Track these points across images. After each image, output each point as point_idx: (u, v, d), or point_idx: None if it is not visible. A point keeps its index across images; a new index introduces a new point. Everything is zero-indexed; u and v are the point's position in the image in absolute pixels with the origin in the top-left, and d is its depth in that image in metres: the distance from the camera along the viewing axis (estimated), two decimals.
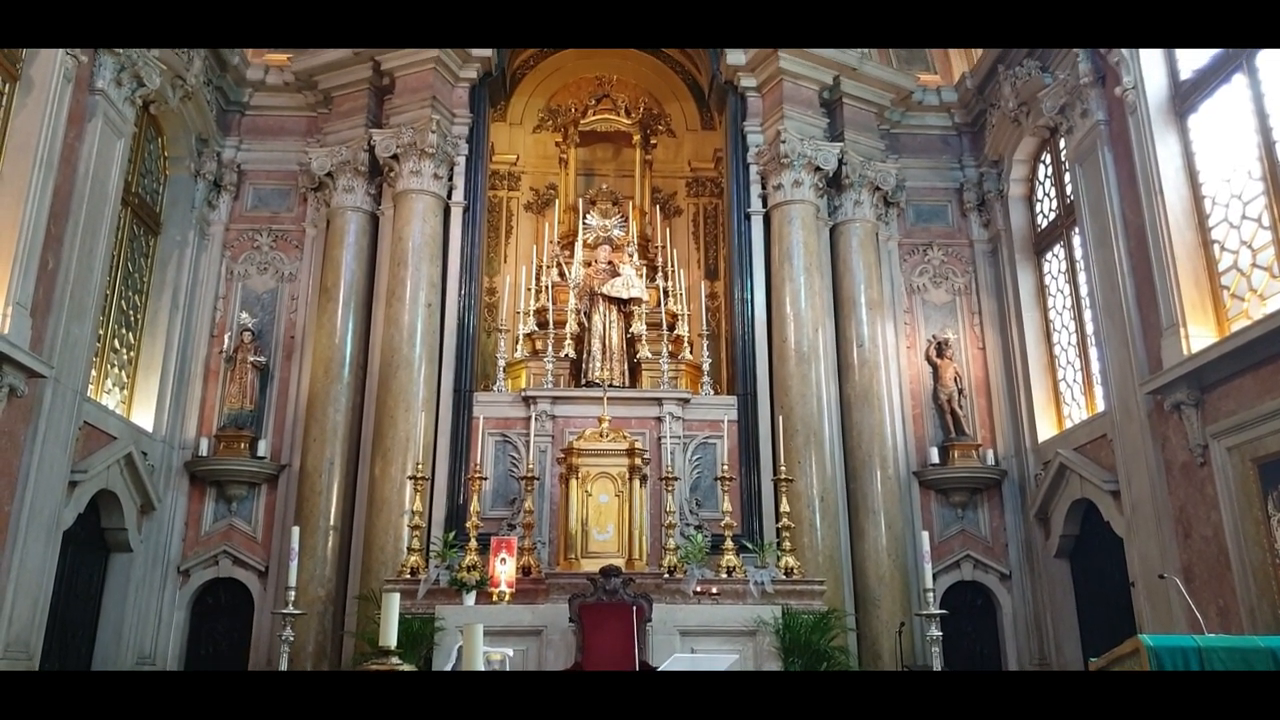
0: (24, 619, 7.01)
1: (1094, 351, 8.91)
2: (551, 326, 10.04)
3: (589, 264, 10.71)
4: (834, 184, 10.28)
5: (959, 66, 11.20)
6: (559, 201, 12.07)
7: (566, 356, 9.96)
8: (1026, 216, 10.41)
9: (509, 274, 11.46)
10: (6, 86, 7.11)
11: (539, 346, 10.06)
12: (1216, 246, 7.30)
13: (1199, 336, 7.14)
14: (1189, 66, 7.63)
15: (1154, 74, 7.81)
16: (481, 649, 4.82)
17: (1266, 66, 6.75)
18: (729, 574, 7.91)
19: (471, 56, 10.24)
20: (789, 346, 9.56)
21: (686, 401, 9.53)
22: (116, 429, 8.53)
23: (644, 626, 7.09)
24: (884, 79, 10.61)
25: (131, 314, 9.36)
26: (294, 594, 6.82)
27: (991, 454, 10.01)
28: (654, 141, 12.44)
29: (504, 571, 7.55)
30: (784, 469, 8.44)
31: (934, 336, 10.31)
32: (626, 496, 8.21)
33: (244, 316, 9.85)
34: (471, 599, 7.56)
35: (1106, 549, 8.47)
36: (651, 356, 9.98)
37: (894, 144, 10.90)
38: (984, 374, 10.34)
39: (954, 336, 10.33)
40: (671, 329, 10.34)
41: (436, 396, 9.36)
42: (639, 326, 10.18)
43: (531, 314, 10.40)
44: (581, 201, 11.66)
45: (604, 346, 10.12)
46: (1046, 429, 9.68)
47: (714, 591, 7.76)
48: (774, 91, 10.29)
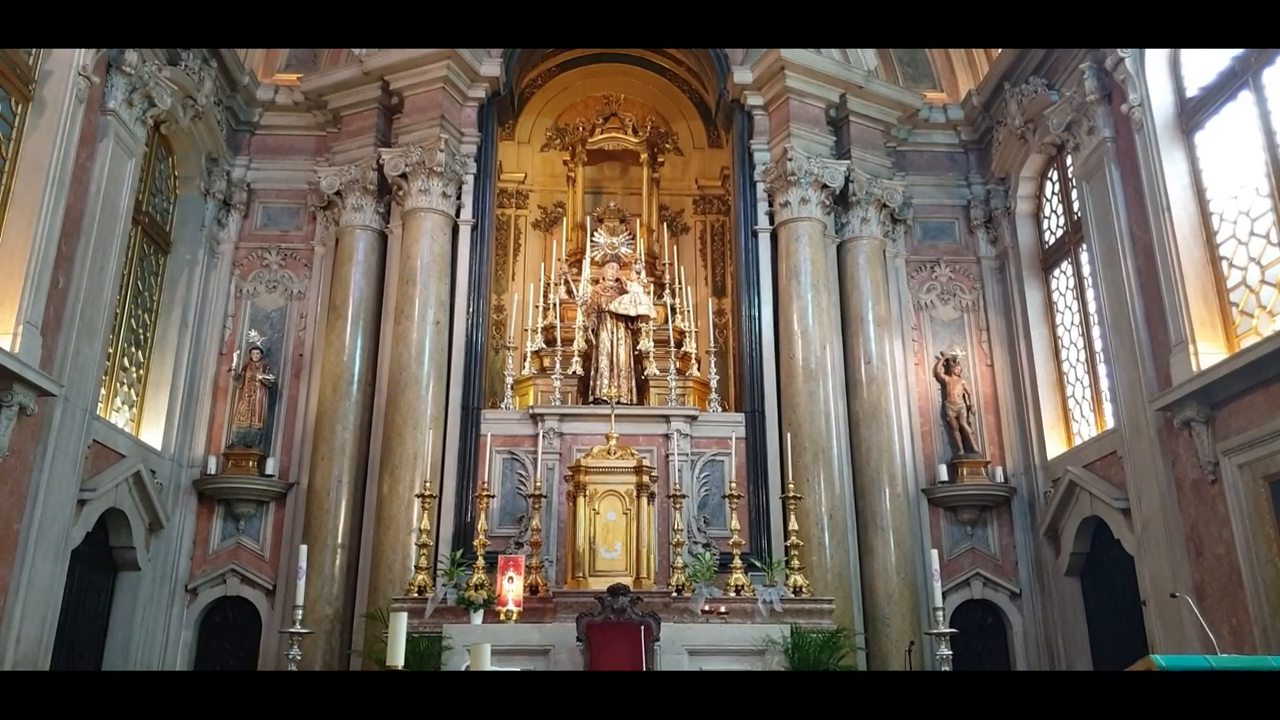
0: (32, 637, 7.01)
1: (1103, 368, 8.87)
2: (559, 344, 10.06)
3: (596, 281, 10.74)
4: (841, 201, 10.30)
5: (965, 84, 11.23)
6: (567, 219, 12.12)
7: (574, 374, 9.98)
8: (1034, 233, 10.41)
9: (517, 292, 11.50)
10: (20, 108, 7.18)
11: (547, 364, 10.08)
12: (1225, 263, 7.29)
13: (1208, 353, 7.12)
14: (1195, 84, 7.64)
15: (1160, 91, 7.83)
16: (489, 668, 4.81)
17: (1273, 83, 6.76)
18: (737, 593, 7.87)
19: (480, 75, 10.31)
20: (797, 363, 9.55)
21: (694, 418, 9.53)
22: (125, 447, 8.55)
23: (652, 646, 7.05)
24: (890, 97, 10.64)
25: (141, 332, 9.41)
26: (301, 612, 6.83)
27: (1000, 471, 9.97)
28: (661, 160, 12.51)
29: (511, 590, 7.52)
30: (792, 487, 8.40)
31: (942, 353, 10.29)
32: (634, 514, 8.18)
33: (253, 335, 9.89)
34: (479, 618, 7.54)
35: (1117, 567, 8.41)
36: (659, 373, 9.99)
37: (901, 161, 10.92)
38: (992, 391, 10.31)
39: (962, 353, 10.31)
40: (679, 346, 10.36)
41: (444, 414, 9.37)
42: (646, 344, 10.19)
43: (539, 331, 10.43)
44: (589, 219, 11.71)
45: (611, 364, 10.13)
46: (1056, 446, 9.64)
47: (722, 610, 7.72)
48: (781, 110, 10.33)
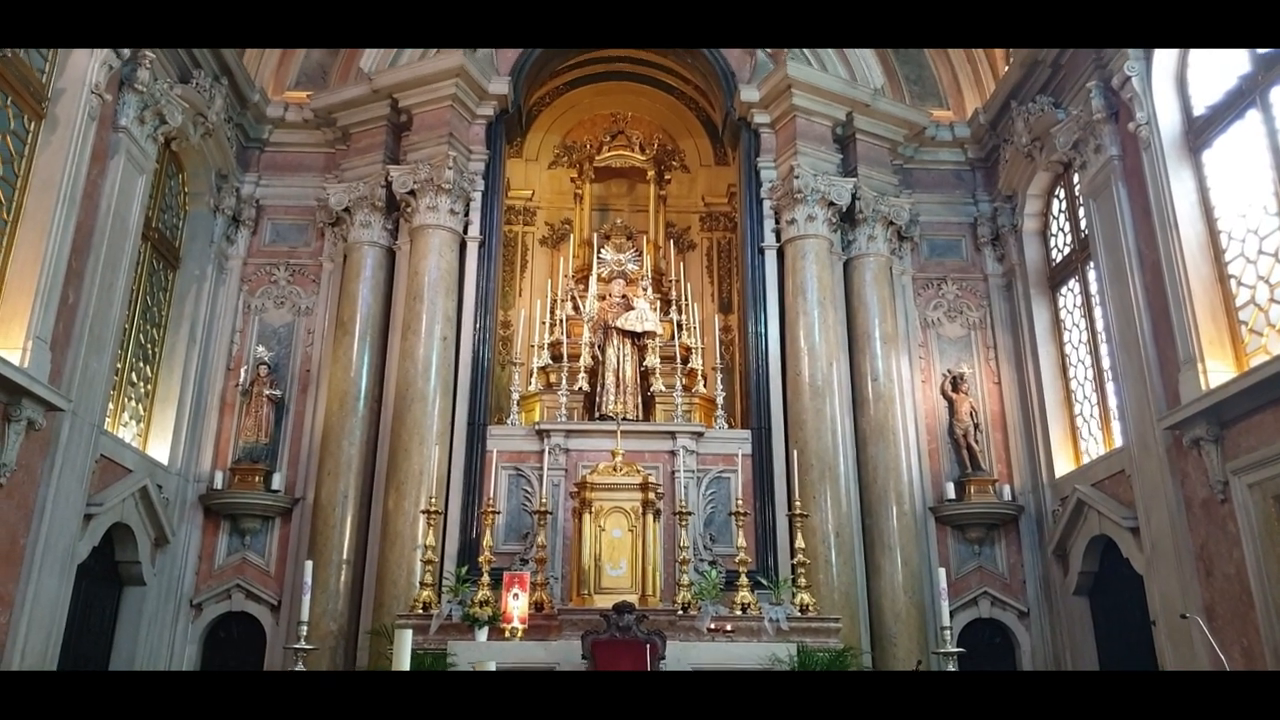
0: (37, 651, 7.00)
1: (1111, 386, 8.84)
2: (565, 360, 10.07)
3: (603, 298, 10.76)
4: (847, 218, 10.30)
5: (972, 102, 11.26)
6: (574, 236, 12.16)
7: (580, 390, 9.98)
8: (1041, 251, 10.40)
9: (524, 308, 11.52)
10: (32, 125, 7.24)
11: (553, 380, 10.09)
12: (1233, 281, 7.27)
13: (1217, 372, 7.09)
14: (1202, 102, 7.65)
15: (1167, 110, 7.83)
16: None
17: None
18: (743, 611, 7.83)
19: (488, 93, 10.37)
20: (803, 380, 9.54)
21: (700, 435, 9.51)
22: (132, 462, 8.57)
23: (657, 664, 7.02)
24: (897, 115, 10.67)
25: (149, 347, 9.45)
26: (306, 628, 6.80)
27: (1008, 489, 9.92)
28: (668, 177, 12.56)
29: (516, 607, 7.50)
30: (799, 504, 8.37)
31: (949, 371, 10.27)
32: (640, 531, 8.16)
33: (260, 350, 9.92)
34: (484, 635, 7.51)
35: (1126, 586, 8.35)
36: (665, 390, 9.98)
37: (907, 179, 10.94)
38: (1000, 408, 10.27)
39: (969, 371, 10.29)
40: (685, 362, 10.35)
41: (450, 430, 9.37)
42: (653, 360, 10.19)
43: (546, 347, 10.44)
44: (596, 236, 11.74)
45: (618, 380, 10.13)
46: (1064, 464, 9.60)
47: (728, 629, 7.68)
48: (787, 128, 10.36)
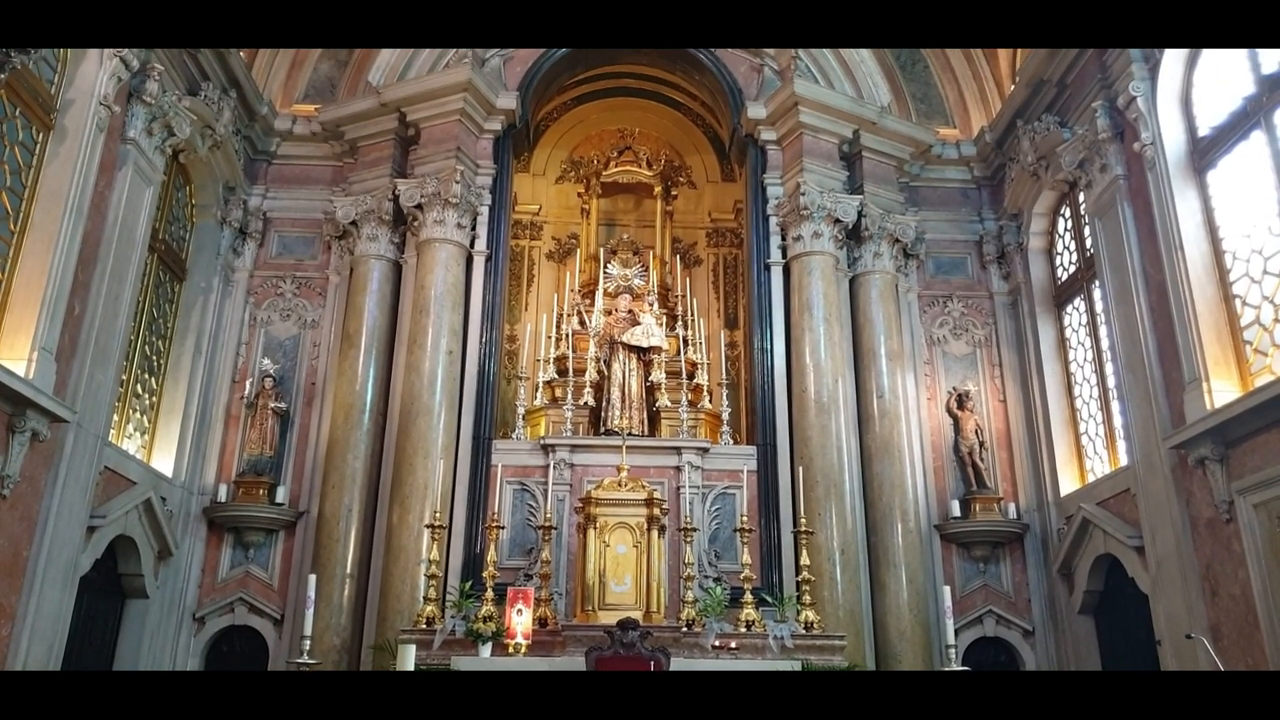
0: (38, 664, 6.98)
1: (1116, 405, 8.83)
2: (571, 374, 10.07)
3: (609, 312, 10.78)
4: (853, 236, 10.32)
5: (978, 120, 11.30)
6: (580, 251, 12.18)
7: (586, 404, 9.98)
8: (1046, 269, 10.41)
9: (530, 322, 11.53)
10: (40, 136, 7.28)
11: (558, 394, 10.08)
12: (1238, 301, 7.27)
13: (1222, 391, 7.08)
14: (1207, 123, 7.67)
15: (1172, 130, 7.86)
16: None
17: None
18: (748, 628, 7.79)
19: (496, 108, 10.41)
20: (809, 397, 9.52)
21: (706, 451, 9.49)
22: (136, 474, 8.57)
23: None
24: (903, 133, 10.70)
25: (155, 359, 9.45)
26: (309, 643, 6.78)
27: (1013, 507, 9.89)
28: (675, 193, 12.59)
29: (520, 623, 7.47)
30: (804, 521, 8.35)
31: (954, 388, 10.25)
32: (645, 547, 8.13)
33: (266, 363, 9.92)
34: (487, 650, 7.48)
35: (1132, 606, 8.31)
36: (671, 405, 9.97)
37: (913, 197, 10.96)
38: (1005, 426, 10.26)
39: (974, 388, 10.27)
40: (691, 378, 10.35)
41: (455, 444, 9.36)
42: (658, 375, 10.19)
43: (551, 362, 10.44)
44: (602, 251, 11.77)
45: (623, 395, 10.13)
46: (1069, 483, 9.57)
47: (733, 646, 7.64)
48: (794, 145, 10.39)
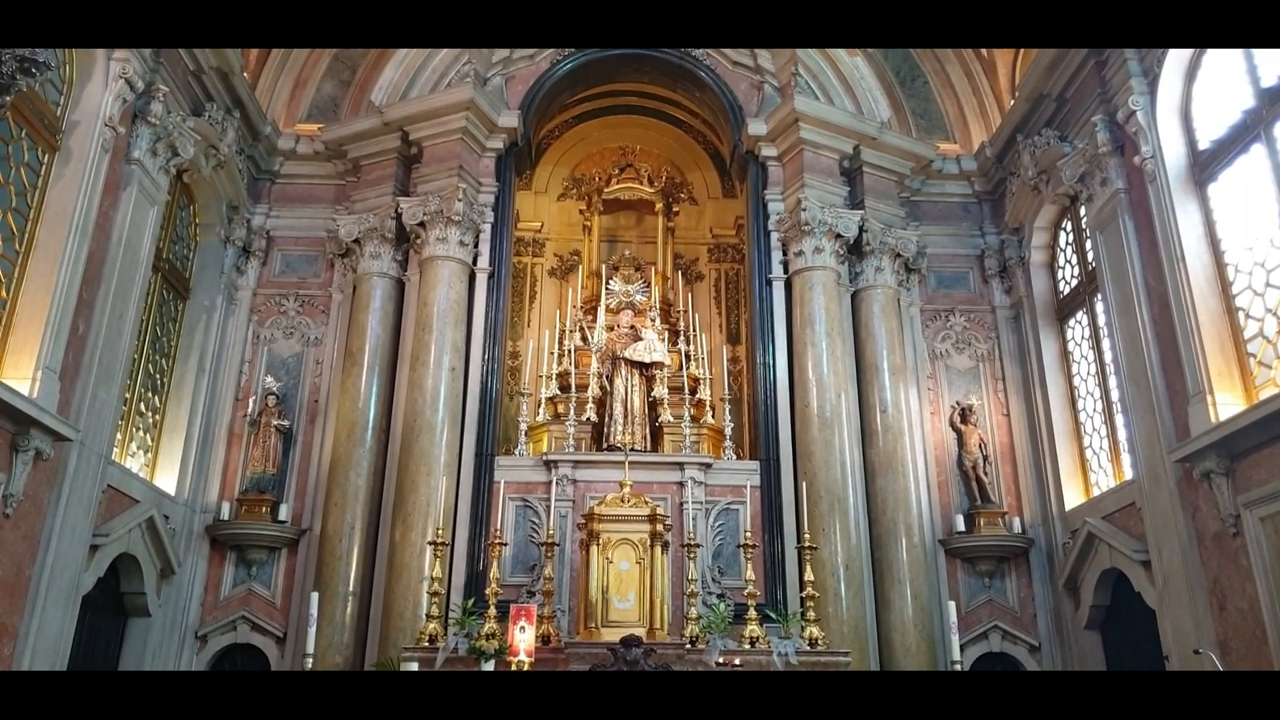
0: None
1: (1120, 418, 8.80)
2: (574, 390, 10.08)
3: (611, 328, 10.79)
4: (855, 250, 10.33)
5: (978, 135, 11.33)
6: (582, 267, 12.21)
7: (588, 420, 9.98)
8: (1048, 283, 10.40)
9: (532, 338, 11.56)
10: (46, 157, 7.32)
11: (561, 410, 10.08)
12: (1241, 314, 7.26)
13: (1227, 404, 7.06)
14: (1207, 137, 7.68)
15: (1172, 144, 7.87)
16: None
17: None
18: (752, 645, 7.75)
19: (498, 126, 10.47)
20: (811, 411, 9.51)
21: (709, 466, 9.47)
22: (139, 492, 8.57)
23: None
24: (903, 148, 10.73)
25: (158, 378, 9.48)
26: (312, 661, 6.77)
27: (1018, 522, 9.85)
28: (676, 209, 12.64)
29: (523, 640, 7.44)
30: (808, 536, 8.31)
31: (958, 403, 10.23)
32: (648, 564, 8.10)
33: (269, 380, 9.93)
34: (490, 668, 7.45)
35: (1138, 620, 8.26)
36: (673, 420, 9.96)
37: (914, 211, 10.97)
38: (1009, 440, 10.23)
39: (978, 402, 10.25)
40: (693, 393, 10.35)
41: (458, 460, 9.36)
42: (661, 390, 10.19)
43: (554, 378, 10.45)
44: (604, 267, 11.81)
45: (626, 410, 10.12)
46: (1074, 497, 9.53)
47: (737, 663, 7.60)
48: (794, 161, 10.42)
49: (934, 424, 10.23)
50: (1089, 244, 9.38)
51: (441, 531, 8.28)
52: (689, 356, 10.67)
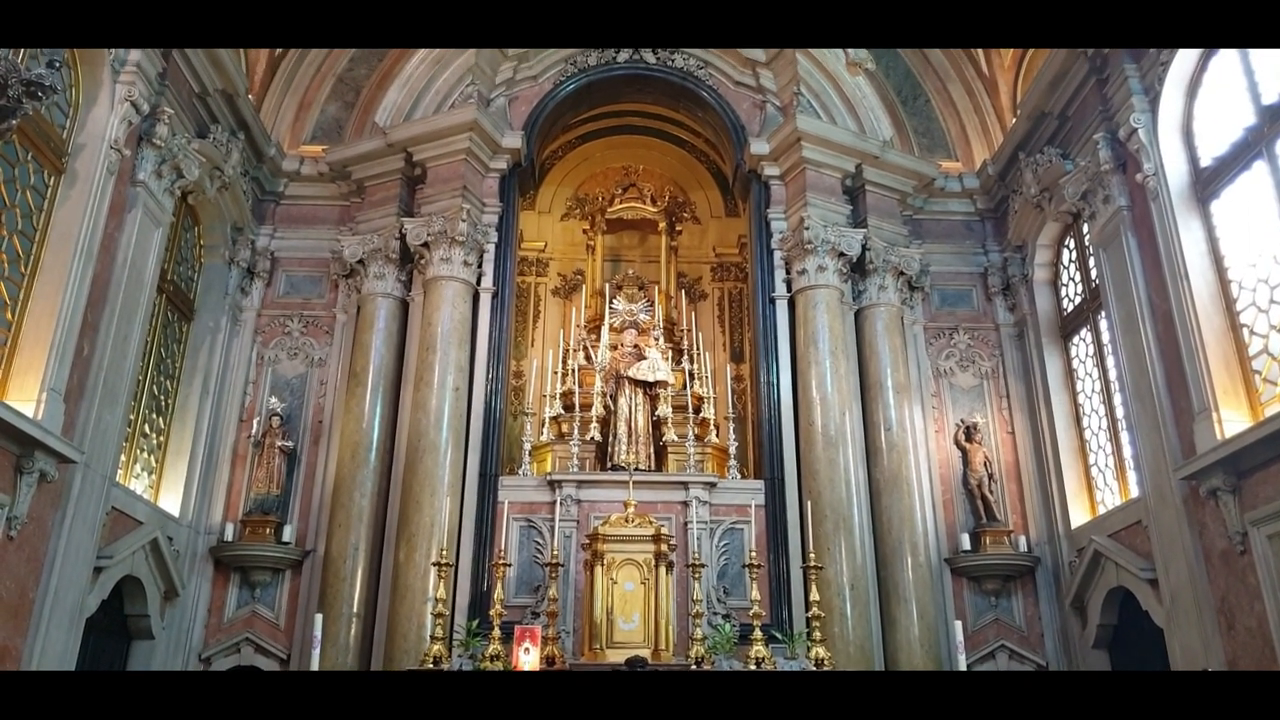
0: None
1: (1125, 436, 8.77)
2: (578, 410, 10.07)
3: (615, 347, 10.80)
4: (858, 269, 10.34)
5: (980, 154, 11.37)
6: (586, 287, 12.24)
7: (592, 440, 9.96)
8: (1052, 300, 10.40)
9: (536, 358, 11.57)
10: (52, 180, 7.36)
11: (565, 430, 10.07)
12: (1245, 330, 7.24)
13: (1232, 421, 7.03)
14: (1209, 154, 7.69)
15: (1174, 161, 7.88)
16: None
17: None
18: (758, 665, 7.71)
19: (501, 147, 10.52)
20: (816, 430, 9.49)
21: (713, 485, 9.44)
22: (144, 514, 8.56)
23: None
24: (906, 166, 10.76)
25: (162, 399, 9.49)
26: None
27: (1024, 540, 9.80)
28: (679, 228, 12.70)
29: (527, 661, 7.42)
30: (813, 556, 8.27)
31: (962, 420, 10.21)
32: (652, 584, 8.08)
33: (273, 401, 9.94)
34: None
35: (1146, 640, 8.20)
36: (677, 439, 9.95)
37: (917, 229, 10.99)
38: (1014, 458, 10.20)
39: (982, 420, 10.23)
40: (697, 412, 10.35)
41: (462, 481, 9.34)
42: (665, 409, 10.17)
43: (558, 397, 10.46)
44: (608, 286, 11.83)
45: (630, 429, 10.11)
46: (1079, 515, 9.49)
47: None
48: (797, 180, 10.45)
49: (939, 442, 10.20)
50: (1092, 261, 9.39)
51: (445, 552, 8.27)
52: (693, 375, 10.67)
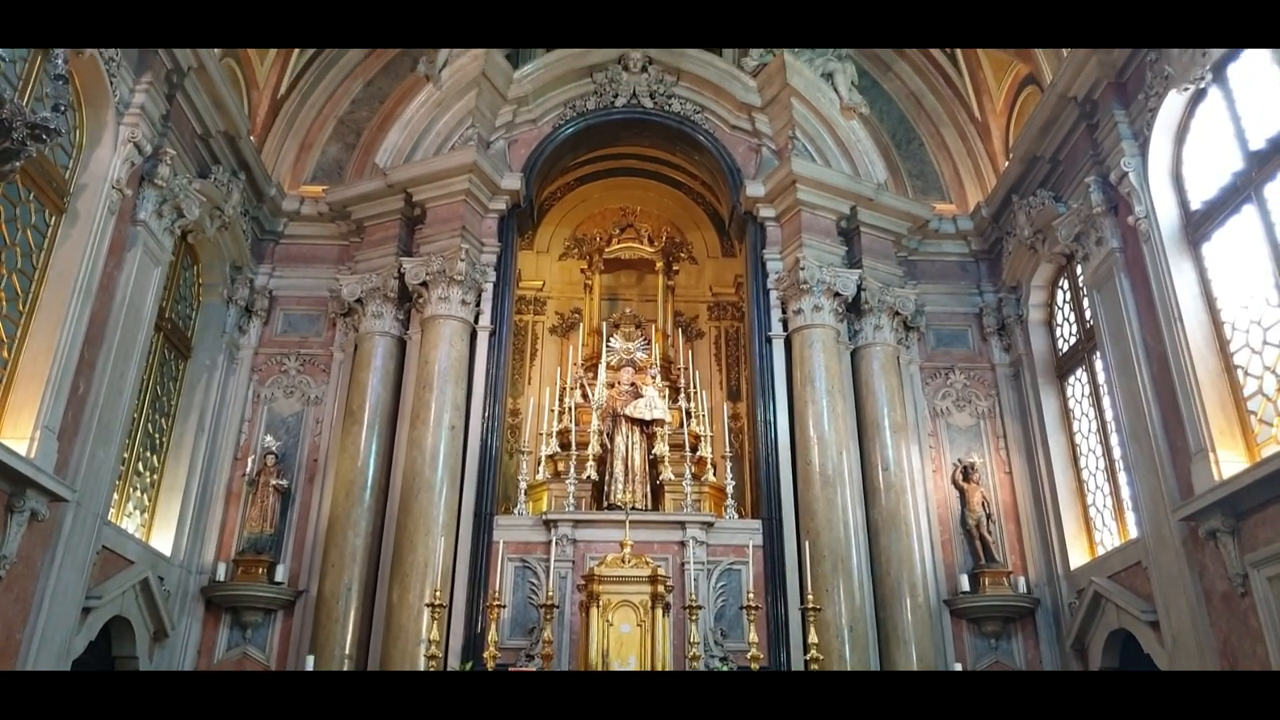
0: None
1: (1123, 476, 8.75)
2: (574, 448, 10.05)
3: (612, 385, 10.79)
4: (854, 309, 10.38)
5: (973, 196, 11.48)
6: (583, 325, 12.28)
7: (589, 478, 9.92)
8: (1047, 341, 10.44)
9: (533, 396, 11.57)
10: (53, 219, 7.40)
11: (561, 468, 10.04)
12: (1240, 371, 7.26)
13: (1229, 462, 7.01)
14: (1199, 197, 7.76)
15: (1165, 205, 7.95)
16: None
17: (1275, 197, 6.86)
18: None
19: (501, 188, 10.61)
20: (813, 469, 9.46)
21: (710, 525, 9.39)
22: (134, 553, 8.48)
23: None
24: (900, 208, 10.85)
25: (157, 437, 9.45)
26: None
27: (1023, 581, 9.72)
28: (676, 268, 12.77)
29: None
30: (811, 597, 8.19)
31: (960, 460, 10.19)
32: (649, 626, 7.97)
33: (268, 439, 9.91)
34: None
35: None
36: (674, 478, 9.91)
37: (912, 270, 11.06)
38: (1012, 499, 10.16)
39: (980, 460, 10.21)
40: (694, 450, 10.32)
41: (457, 520, 9.27)
42: (661, 448, 10.14)
43: (554, 435, 10.43)
44: (605, 325, 11.86)
45: (626, 468, 10.07)
46: (1079, 556, 9.44)
47: None
48: (792, 221, 10.53)
49: (936, 482, 10.17)
50: (1086, 302, 9.44)
51: (439, 593, 8.16)
52: (690, 414, 10.65)
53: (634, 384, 10.68)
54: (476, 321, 10.18)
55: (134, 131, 7.89)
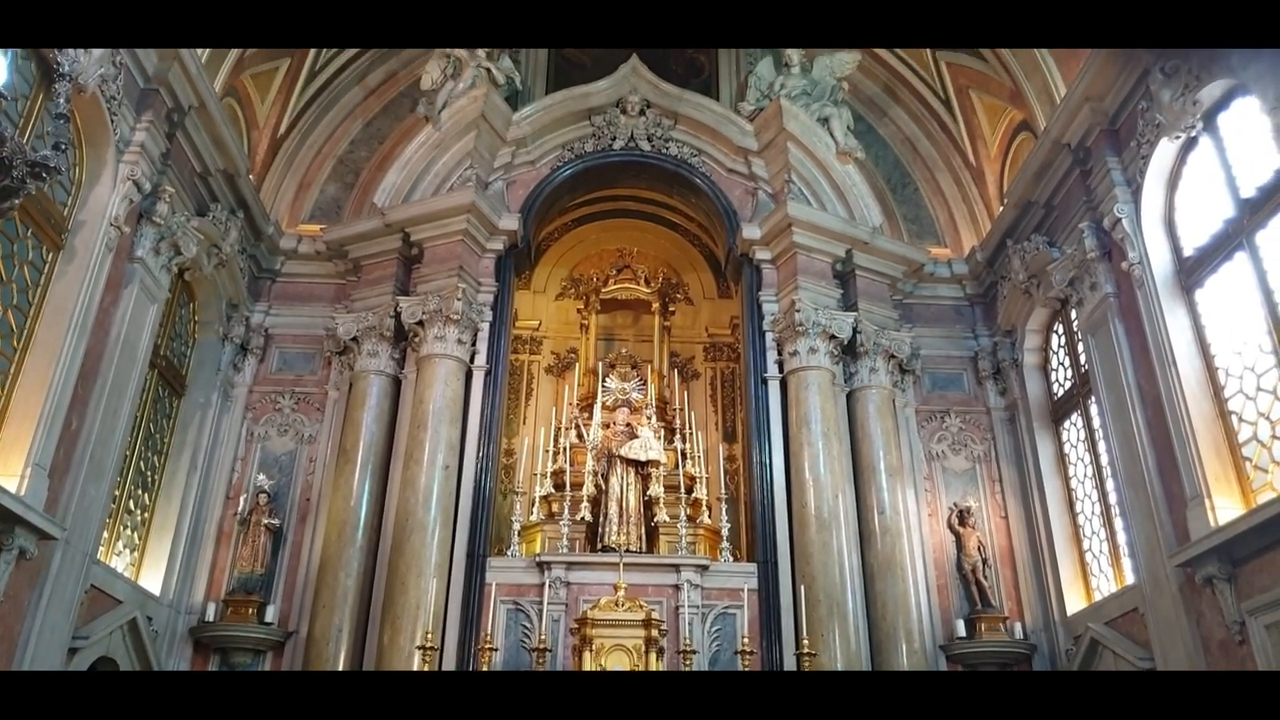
0: None
1: (1119, 521, 8.72)
2: (568, 488, 9.98)
3: (607, 426, 10.77)
4: (849, 351, 10.39)
5: (968, 240, 11.57)
6: (579, 365, 12.28)
7: (583, 519, 9.86)
8: (1042, 385, 10.45)
9: (528, 435, 11.53)
10: (50, 256, 7.41)
11: (555, 509, 9.98)
12: (1234, 417, 7.27)
13: (1225, 508, 7.01)
14: (1191, 244, 7.83)
15: (1158, 251, 8.02)
16: None
17: (1267, 245, 6.92)
18: None
19: (498, 229, 10.66)
20: (809, 512, 9.40)
21: (705, 568, 9.30)
22: (123, 593, 8.37)
23: None
24: (895, 252, 10.92)
25: (149, 474, 9.38)
26: None
27: (1020, 627, 9.64)
28: (672, 309, 12.81)
29: None
30: (807, 643, 8.11)
31: (955, 504, 10.14)
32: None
33: (261, 478, 9.83)
34: None
35: None
36: (669, 520, 9.85)
37: (907, 313, 11.10)
38: (1008, 543, 10.11)
39: (975, 504, 10.16)
40: (689, 492, 10.26)
41: (449, 561, 9.17)
42: (657, 489, 10.10)
43: (549, 476, 10.37)
44: (601, 365, 11.86)
45: (621, 509, 10.02)
46: (1075, 601, 9.37)
47: None
48: (788, 264, 10.59)
49: (932, 526, 10.12)
50: (1081, 347, 9.46)
51: (431, 635, 8.08)
52: (685, 454, 10.61)
53: (629, 424, 10.67)
54: (472, 361, 10.18)
55: (133, 169, 7.94)
